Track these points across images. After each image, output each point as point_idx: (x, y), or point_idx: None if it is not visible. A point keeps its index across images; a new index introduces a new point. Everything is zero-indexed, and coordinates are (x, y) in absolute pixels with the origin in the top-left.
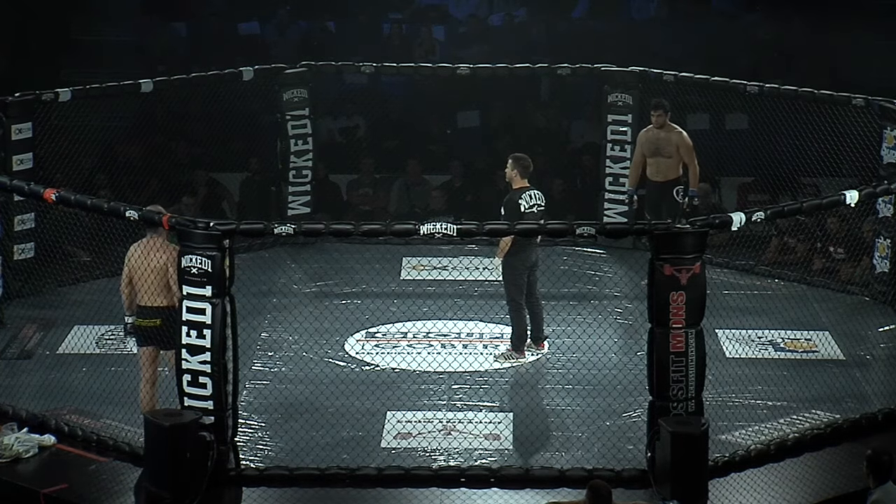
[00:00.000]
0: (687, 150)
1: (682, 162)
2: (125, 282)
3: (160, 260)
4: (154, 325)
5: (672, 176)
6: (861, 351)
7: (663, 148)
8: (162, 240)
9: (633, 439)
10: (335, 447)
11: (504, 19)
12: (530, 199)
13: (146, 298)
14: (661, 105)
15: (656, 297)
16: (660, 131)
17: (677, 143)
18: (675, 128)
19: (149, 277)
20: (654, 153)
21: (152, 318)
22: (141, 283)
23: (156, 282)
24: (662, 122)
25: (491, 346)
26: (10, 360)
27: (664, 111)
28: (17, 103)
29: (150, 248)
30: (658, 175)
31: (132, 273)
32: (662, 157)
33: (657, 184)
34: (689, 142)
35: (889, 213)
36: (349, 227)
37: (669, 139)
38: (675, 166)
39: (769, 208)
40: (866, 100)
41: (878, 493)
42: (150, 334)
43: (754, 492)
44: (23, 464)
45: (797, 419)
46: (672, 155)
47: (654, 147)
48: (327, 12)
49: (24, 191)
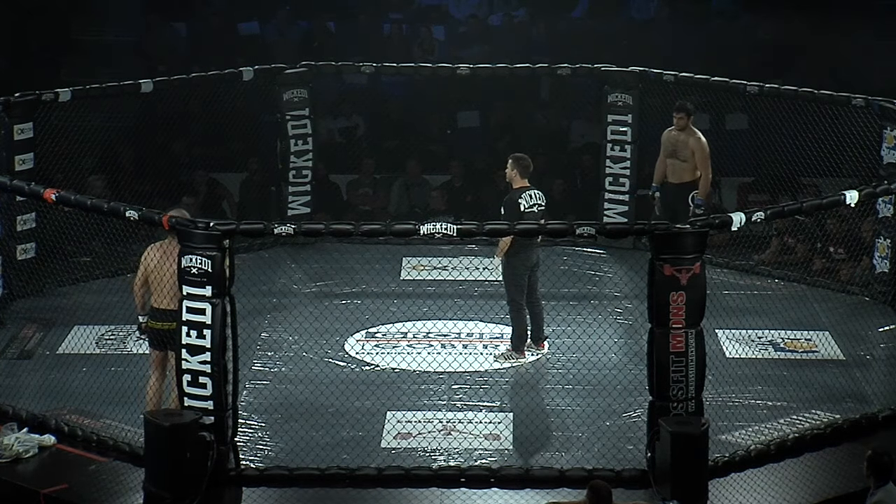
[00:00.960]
0: (701, 155)
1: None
2: (140, 282)
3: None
4: (168, 329)
5: (687, 179)
6: (861, 351)
7: (679, 151)
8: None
9: (633, 439)
10: (335, 447)
11: (504, 19)
12: (530, 198)
13: (162, 301)
14: (683, 108)
15: (656, 298)
16: (679, 133)
17: (693, 147)
18: (695, 132)
19: (165, 281)
20: (671, 154)
21: (167, 321)
22: (157, 285)
23: (173, 285)
24: (683, 125)
25: (491, 347)
26: (10, 360)
27: (686, 114)
28: (18, 103)
29: (169, 251)
30: (673, 177)
31: (148, 274)
32: (678, 160)
33: (673, 185)
34: (706, 149)
35: (889, 214)
36: (349, 228)
37: (687, 143)
38: (690, 170)
39: (769, 208)
40: (866, 100)
41: (880, 493)
42: (162, 337)
43: (754, 492)
44: (23, 464)
45: (797, 419)
46: (687, 159)
47: (671, 148)
48: (327, 12)
49: (24, 191)
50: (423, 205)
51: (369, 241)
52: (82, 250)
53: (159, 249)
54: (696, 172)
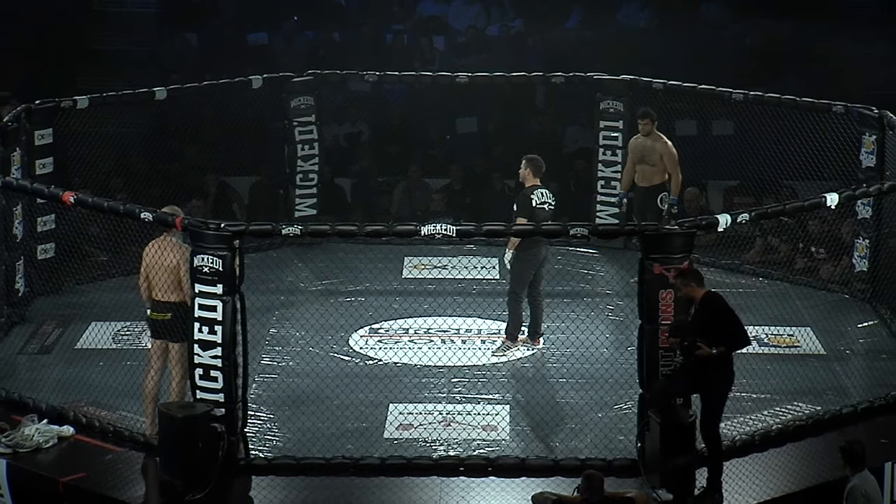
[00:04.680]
0: (670, 159)
1: (666, 169)
2: (142, 277)
3: (173, 259)
4: (165, 319)
5: (656, 181)
6: (841, 346)
7: (648, 156)
8: (175, 239)
9: (624, 430)
10: (340, 438)
11: (501, 30)
12: (541, 195)
13: (159, 293)
14: (647, 114)
15: (646, 295)
16: (646, 139)
17: (661, 151)
18: (661, 137)
19: (162, 274)
20: (640, 160)
21: (164, 311)
22: (155, 278)
23: (168, 278)
24: (648, 131)
25: (489, 342)
26: (30, 354)
27: (651, 120)
28: (39, 110)
29: (165, 246)
30: (643, 181)
31: (148, 269)
32: (647, 165)
33: (643, 189)
34: (674, 151)
35: (867, 215)
36: (353, 228)
37: (654, 148)
38: (659, 173)
39: (754, 210)
40: (846, 107)
41: (856, 479)
42: (160, 327)
43: (740, 480)
44: (43, 453)
45: (780, 411)
46: (656, 163)
47: (640, 154)
48: (333, 23)
49: (44, 193)
50: (424, 207)
51: (372, 242)
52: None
53: (155, 246)
54: (665, 175)
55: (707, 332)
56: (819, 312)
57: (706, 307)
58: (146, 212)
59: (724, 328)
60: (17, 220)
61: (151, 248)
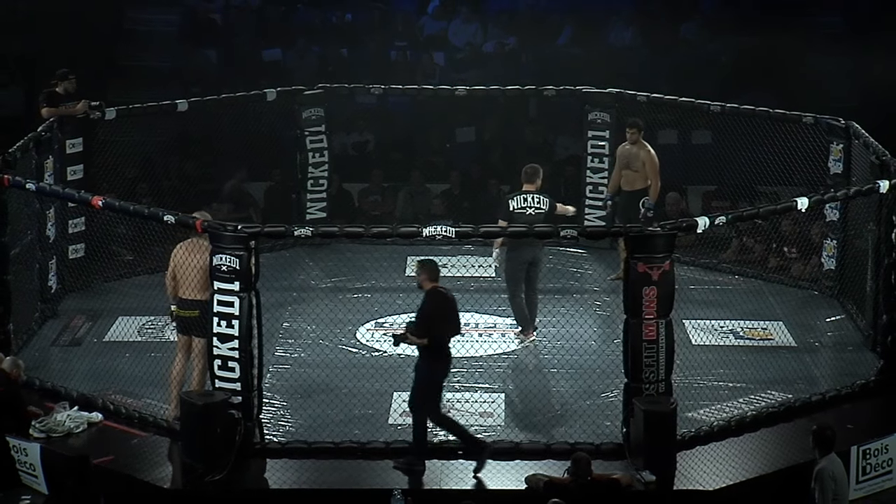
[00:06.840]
0: (651, 166)
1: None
2: (170, 275)
3: (202, 260)
4: (193, 316)
5: (638, 186)
6: (811, 339)
7: (632, 162)
8: (206, 242)
9: (611, 417)
10: (348, 423)
11: (496, 47)
12: (524, 200)
13: (187, 292)
14: (634, 124)
15: (631, 291)
16: (632, 147)
17: (644, 159)
18: (645, 145)
19: (191, 274)
20: (626, 166)
21: (192, 309)
22: (183, 278)
23: (197, 278)
24: (635, 139)
25: (486, 335)
26: (62, 346)
27: (637, 129)
28: (70, 121)
29: (194, 248)
30: (627, 185)
31: (176, 269)
32: (631, 170)
33: (627, 192)
34: (655, 160)
35: (835, 218)
36: (360, 230)
37: (638, 155)
38: (641, 178)
39: (730, 213)
40: (815, 118)
41: (824, 461)
42: (188, 323)
43: (717, 463)
44: (73, 438)
45: (755, 399)
46: (639, 169)
47: (625, 160)
48: (341, 41)
49: (74, 198)
50: (426, 210)
51: (378, 242)
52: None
53: (185, 247)
54: (646, 181)
55: (422, 322)
56: (790, 308)
57: (427, 300)
58: (169, 215)
59: (432, 323)
60: (50, 222)
61: (181, 248)
